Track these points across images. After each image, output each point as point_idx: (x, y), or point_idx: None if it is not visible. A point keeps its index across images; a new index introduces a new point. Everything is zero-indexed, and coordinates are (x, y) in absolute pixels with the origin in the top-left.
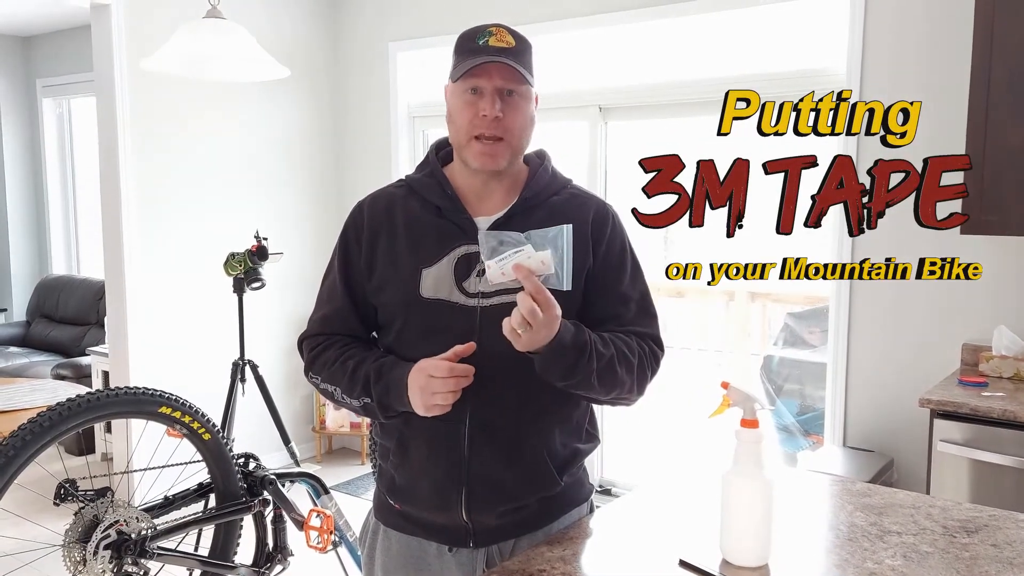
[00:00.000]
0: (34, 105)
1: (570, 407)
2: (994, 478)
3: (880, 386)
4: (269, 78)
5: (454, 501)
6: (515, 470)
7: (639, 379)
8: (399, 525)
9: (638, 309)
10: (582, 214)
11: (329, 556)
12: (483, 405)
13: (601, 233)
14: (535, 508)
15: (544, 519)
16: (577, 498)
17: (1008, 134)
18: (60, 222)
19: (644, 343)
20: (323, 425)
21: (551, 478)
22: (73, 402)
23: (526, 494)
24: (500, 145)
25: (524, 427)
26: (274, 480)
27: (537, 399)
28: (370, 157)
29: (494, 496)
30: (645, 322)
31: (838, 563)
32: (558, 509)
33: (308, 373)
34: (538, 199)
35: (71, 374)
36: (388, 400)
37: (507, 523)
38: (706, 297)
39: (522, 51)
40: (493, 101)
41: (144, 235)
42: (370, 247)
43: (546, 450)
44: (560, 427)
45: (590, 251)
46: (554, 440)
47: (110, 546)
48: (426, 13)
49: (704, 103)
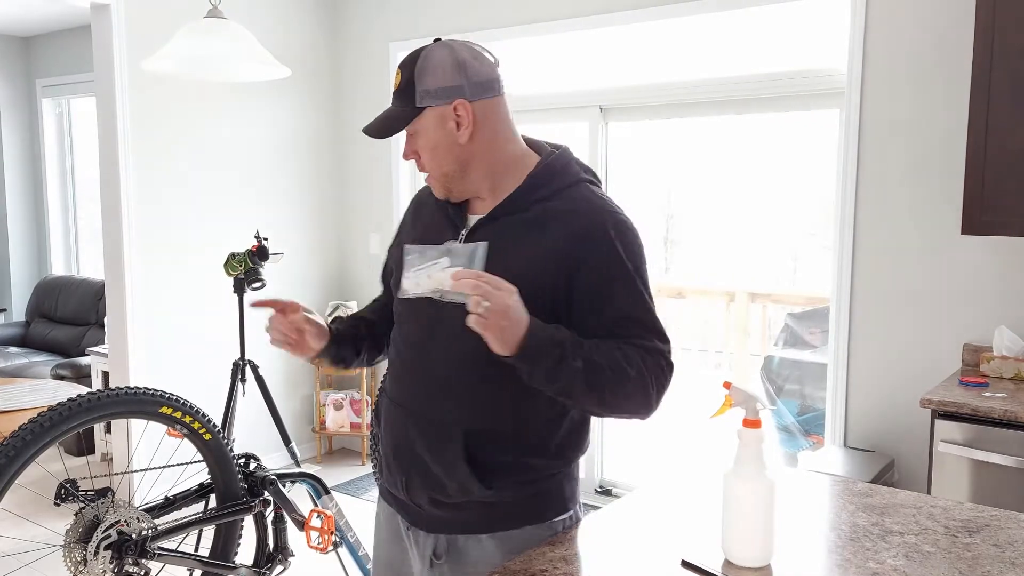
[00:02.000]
0: (34, 105)
1: (523, 417)
2: (995, 478)
3: (881, 386)
4: (270, 78)
5: (399, 481)
6: (440, 466)
7: (641, 389)
8: (384, 495)
9: (638, 326)
10: (567, 226)
11: (330, 556)
12: (423, 395)
13: (583, 249)
14: (475, 511)
15: (488, 525)
16: (533, 515)
17: (1009, 135)
18: (60, 222)
19: (648, 355)
20: (323, 426)
21: (473, 484)
22: (73, 402)
23: (456, 493)
24: (430, 178)
25: (453, 425)
26: (275, 480)
27: (480, 400)
28: (370, 157)
29: (427, 485)
30: (647, 337)
31: (840, 563)
32: (504, 520)
33: None
34: (529, 200)
35: (71, 374)
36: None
37: (449, 516)
38: (707, 298)
39: (405, 86)
40: (407, 149)
41: (144, 235)
42: (398, 238)
43: (470, 454)
44: (500, 434)
45: (561, 268)
46: (488, 446)
47: (111, 546)
48: (426, 13)
49: (706, 103)
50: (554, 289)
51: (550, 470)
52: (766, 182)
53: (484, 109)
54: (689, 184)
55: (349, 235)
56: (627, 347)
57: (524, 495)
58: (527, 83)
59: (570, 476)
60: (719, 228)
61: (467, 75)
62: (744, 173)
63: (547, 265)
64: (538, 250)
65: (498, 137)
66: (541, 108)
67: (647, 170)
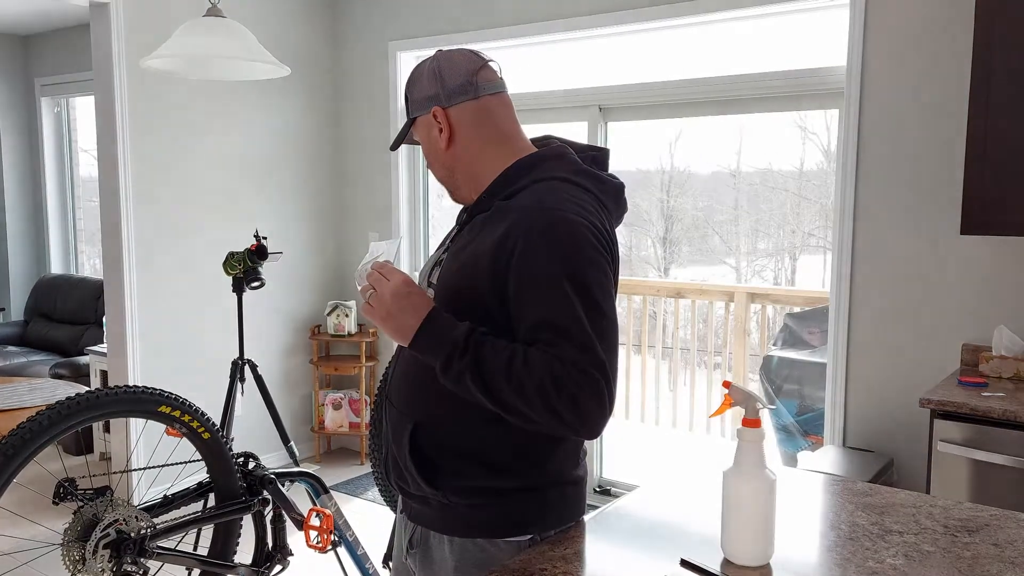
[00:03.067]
0: (33, 104)
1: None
2: (994, 478)
3: (880, 386)
4: (269, 77)
5: (381, 470)
6: (397, 454)
7: (540, 397)
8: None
9: (556, 333)
10: (503, 226)
11: (328, 556)
12: (395, 384)
13: (509, 248)
14: (436, 509)
15: (445, 526)
16: (483, 528)
17: (1008, 135)
18: (58, 221)
19: (559, 363)
20: (322, 425)
21: (413, 480)
22: (72, 401)
23: (413, 486)
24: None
25: (405, 415)
26: (274, 479)
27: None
28: (370, 157)
29: (396, 474)
30: (563, 346)
31: (839, 562)
32: (459, 526)
33: None
34: (490, 198)
35: (69, 373)
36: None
37: (418, 509)
38: (706, 297)
39: (405, 101)
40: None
41: (143, 234)
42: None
43: (415, 445)
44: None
45: (491, 268)
46: (431, 442)
47: (109, 545)
48: (427, 13)
49: (705, 103)
50: (487, 289)
51: (497, 483)
52: (766, 181)
53: (461, 113)
54: (688, 183)
55: (348, 235)
56: (534, 352)
57: (474, 504)
58: (526, 83)
59: (535, 496)
60: (718, 227)
61: (442, 82)
62: (744, 172)
63: (481, 263)
64: (480, 248)
65: (478, 139)
66: (540, 108)
67: (647, 169)
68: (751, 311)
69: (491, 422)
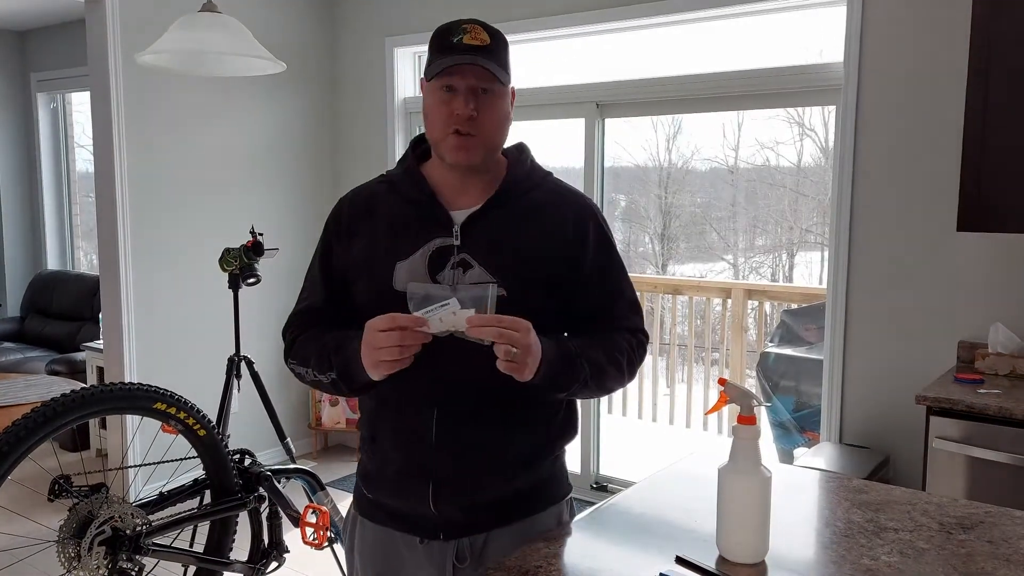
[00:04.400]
0: (28, 99)
1: (528, 394)
2: (990, 475)
3: (876, 383)
4: (265, 73)
5: (421, 491)
6: (480, 462)
7: (629, 371)
8: (372, 515)
9: (627, 304)
10: (561, 212)
11: (325, 552)
12: (452, 394)
13: (583, 232)
14: (506, 502)
15: (516, 514)
16: (554, 495)
17: (1005, 132)
18: (54, 217)
19: (633, 336)
20: (319, 422)
21: (516, 471)
22: (67, 398)
23: (493, 486)
24: (473, 140)
25: (490, 418)
26: (270, 476)
27: (506, 390)
28: (366, 153)
29: (460, 487)
30: (632, 318)
31: (835, 559)
32: (531, 505)
33: (287, 359)
34: (515, 193)
35: (65, 370)
36: (350, 369)
37: (477, 516)
38: (703, 294)
39: (496, 49)
40: (467, 100)
41: (139, 230)
42: (349, 242)
43: (511, 442)
44: (528, 419)
45: (568, 251)
46: (521, 432)
47: (105, 542)
48: (423, 8)
49: (702, 99)
50: (561, 273)
51: (561, 445)
52: (763, 178)
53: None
54: (685, 180)
55: None
56: (617, 336)
57: (546, 476)
58: (524, 79)
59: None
60: (715, 224)
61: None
62: (741, 169)
63: (555, 248)
64: (542, 235)
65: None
66: (537, 104)
67: (644, 166)
68: (748, 308)
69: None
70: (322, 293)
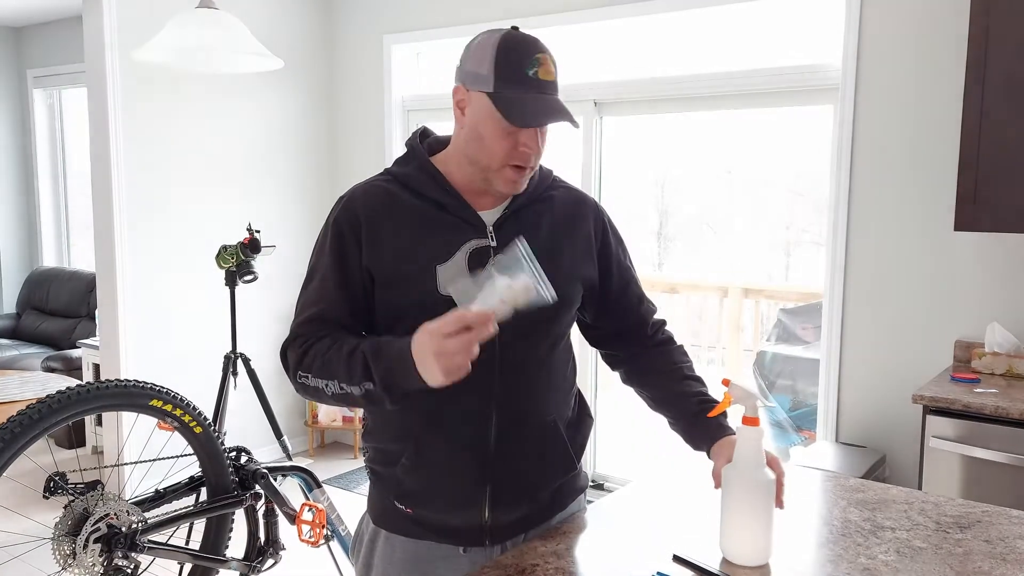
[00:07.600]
0: (25, 96)
1: (569, 386)
2: (986, 474)
3: (873, 382)
4: (262, 69)
5: (478, 501)
6: (541, 459)
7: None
8: (406, 530)
9: (642, 293)
10: (580, 210)
11: (321, 550)
12: (511, 395)
13: (602, 227)
14: (547, 499)
15: (549, 511)
16: (580, 486)
17: (1002, 132)
18: (51, 214)
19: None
20: (315, 419)
21: (571, 462)
22: (63, 395)
23: (547, 483)
24: (527, 172)
25: (549, 413)
26: (266, 474)
27: (557, 383)
28: (364, 150)
29: (518, 491)
30: (651, 306)
31: (832, 558)
32: (563, 499)
33: (297, 374)
34: (537, 193)
35: (61, 367)
36: (393, 379)
37: (522, 518)
38: (700, 293)
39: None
40: (537, 139)
41: (136, 227)
42: (372, 242)
43: (567, 434)
44: (565, 413)
45: (595, 247)
46: (563, 426)
47: (100, 539)
48: (421, 5)
49: (700, 98)
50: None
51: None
52: (760, 177)
53: None
54: (683, 179)
55: None
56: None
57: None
58: None
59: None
60: (712, 223)
61: None
62: (738, 168)
63: (581, 244)
64: (569, 233)
65: None
66: None
67: (641, 165)
68: (745, 307)
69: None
70: (338, 301)
